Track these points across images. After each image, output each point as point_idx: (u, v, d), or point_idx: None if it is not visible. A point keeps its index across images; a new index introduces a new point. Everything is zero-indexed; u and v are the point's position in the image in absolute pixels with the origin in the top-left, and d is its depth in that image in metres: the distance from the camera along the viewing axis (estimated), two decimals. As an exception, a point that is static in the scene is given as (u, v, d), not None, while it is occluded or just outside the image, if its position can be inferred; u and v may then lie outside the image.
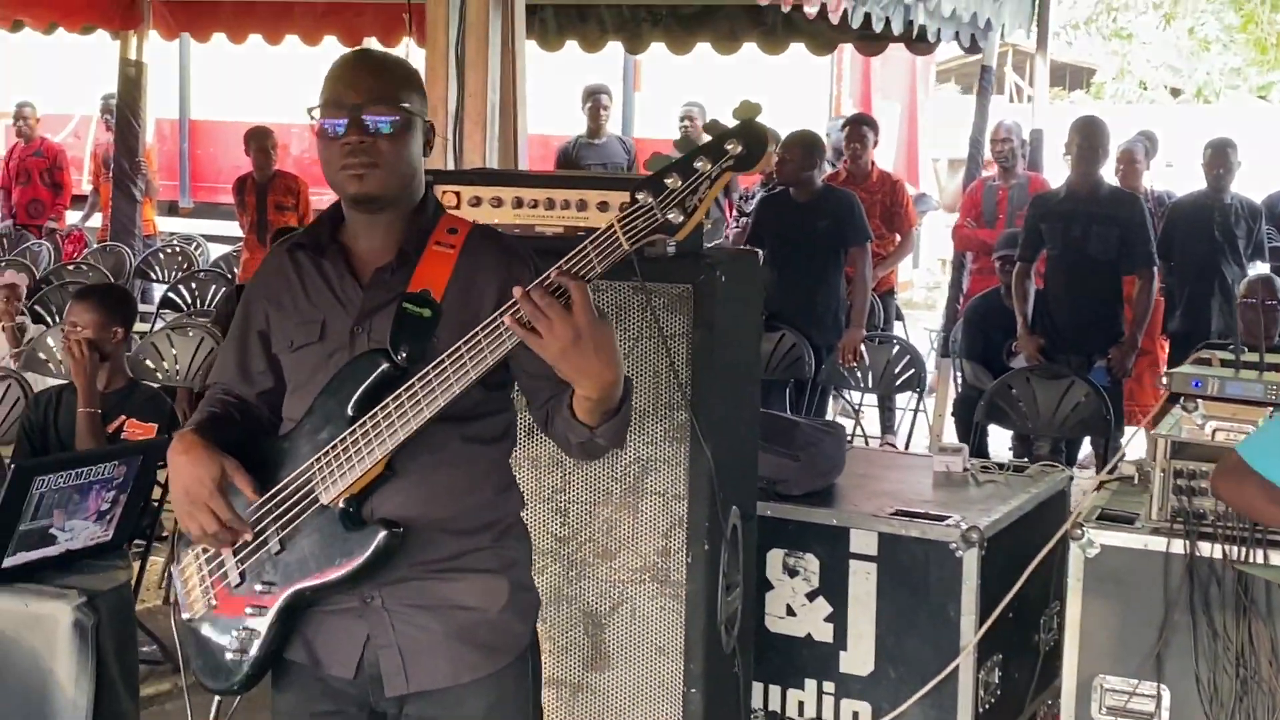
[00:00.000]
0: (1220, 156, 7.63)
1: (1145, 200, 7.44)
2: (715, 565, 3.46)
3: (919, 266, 13.88)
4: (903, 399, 8.03)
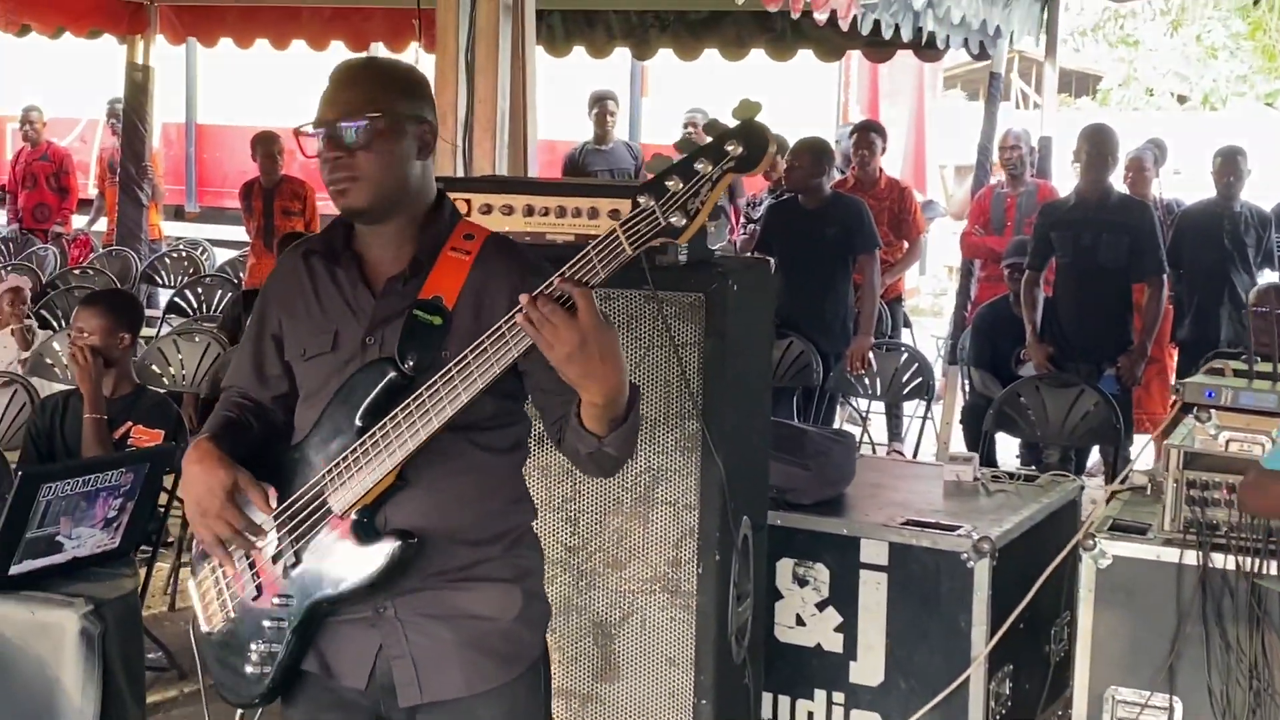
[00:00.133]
0: (1230, 164, 7.61)
1: (1154, 208, 7.41)
2: (726, 576, 3.45)
3: (925, 273, 13.86)
4: (909, 406, 8.01)
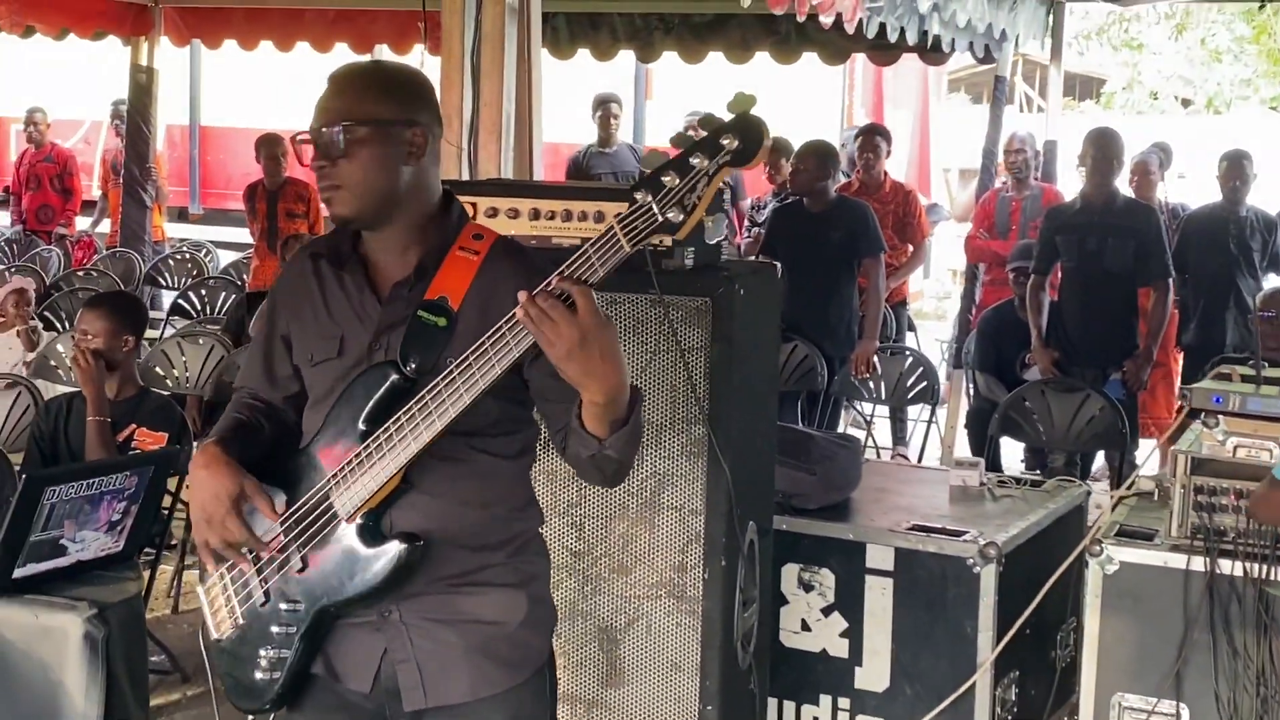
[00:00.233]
0: (1236, 168, 7.59)
1: (1160, 212, 7.40)
2: (732, 581, 3.43)
3: (930, 277, 13.85)
4: (914, 411, 7.99)
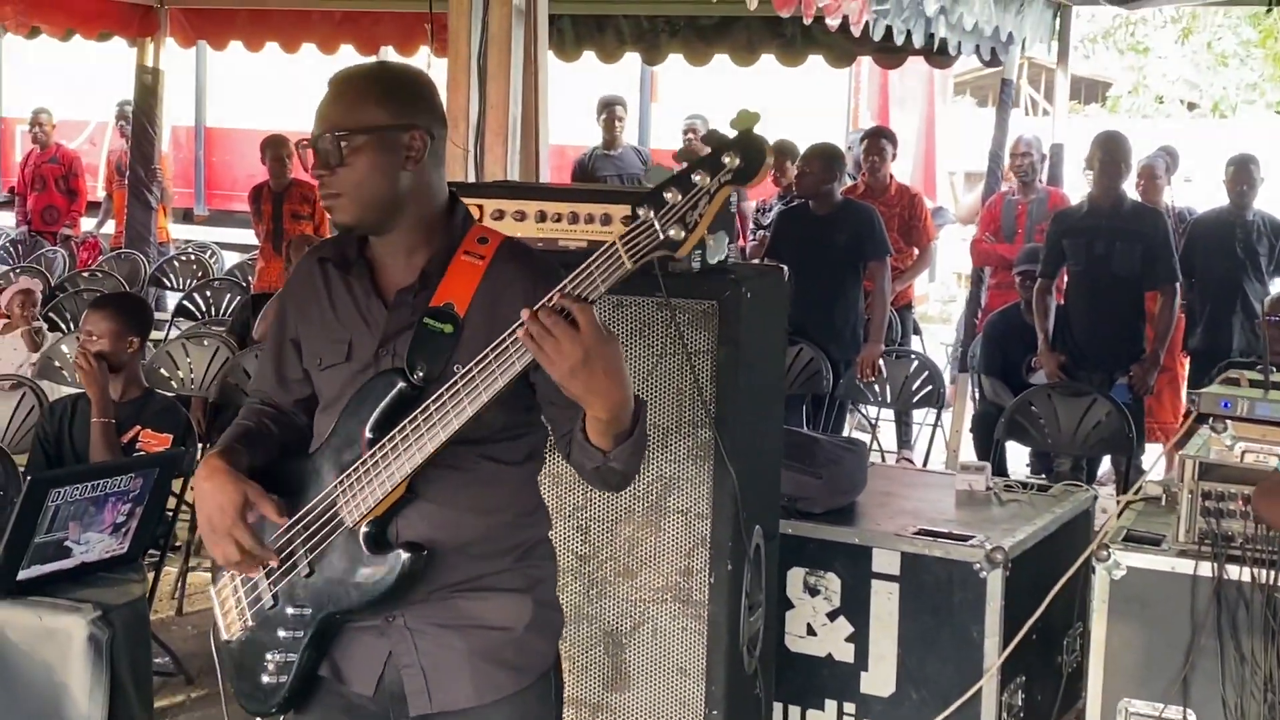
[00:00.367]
0: (1243, 173, 7.57)
1: (1167, 216, 7.39)
2: (738, 585, 3.42)
3: (935, 280, 13.83)
4: (919, 414, 7.98)
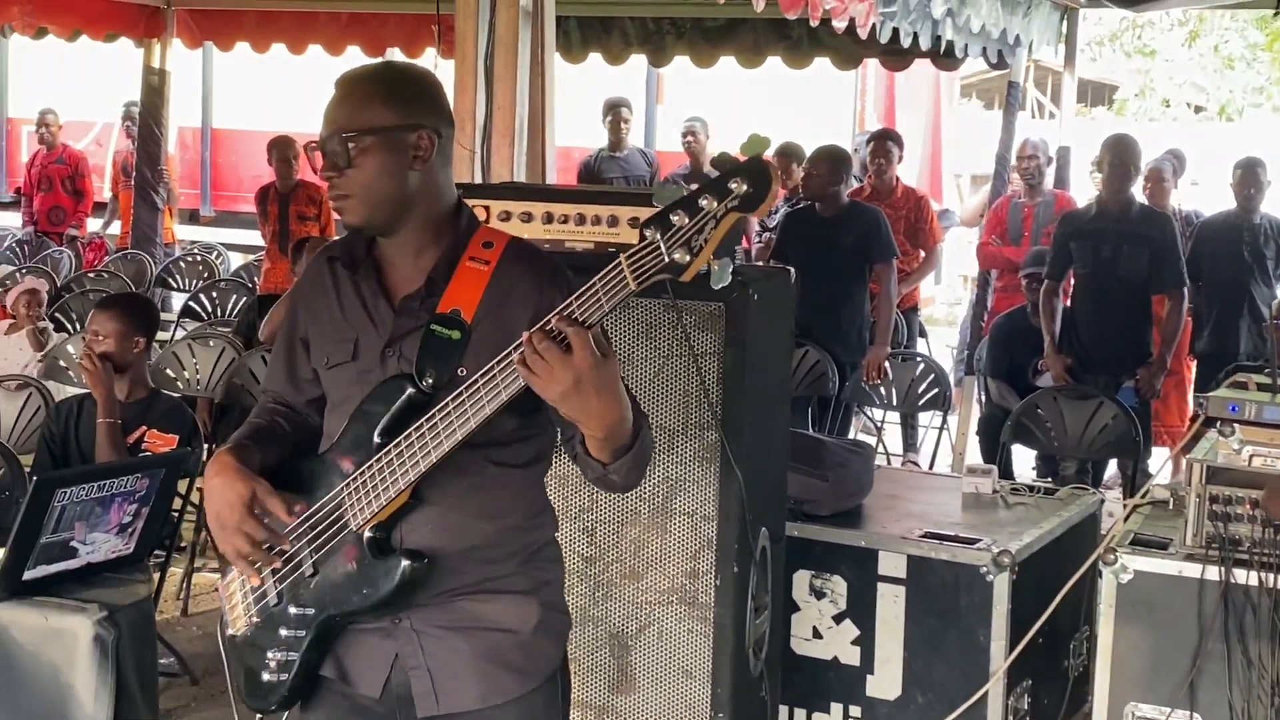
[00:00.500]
0: (1251, 176, 7.57)
1: (1174, 219, 7.37)
2: (744, 588, 3.42)
3: (941, 282, 13.81)
4: (924, 417, 7.97)
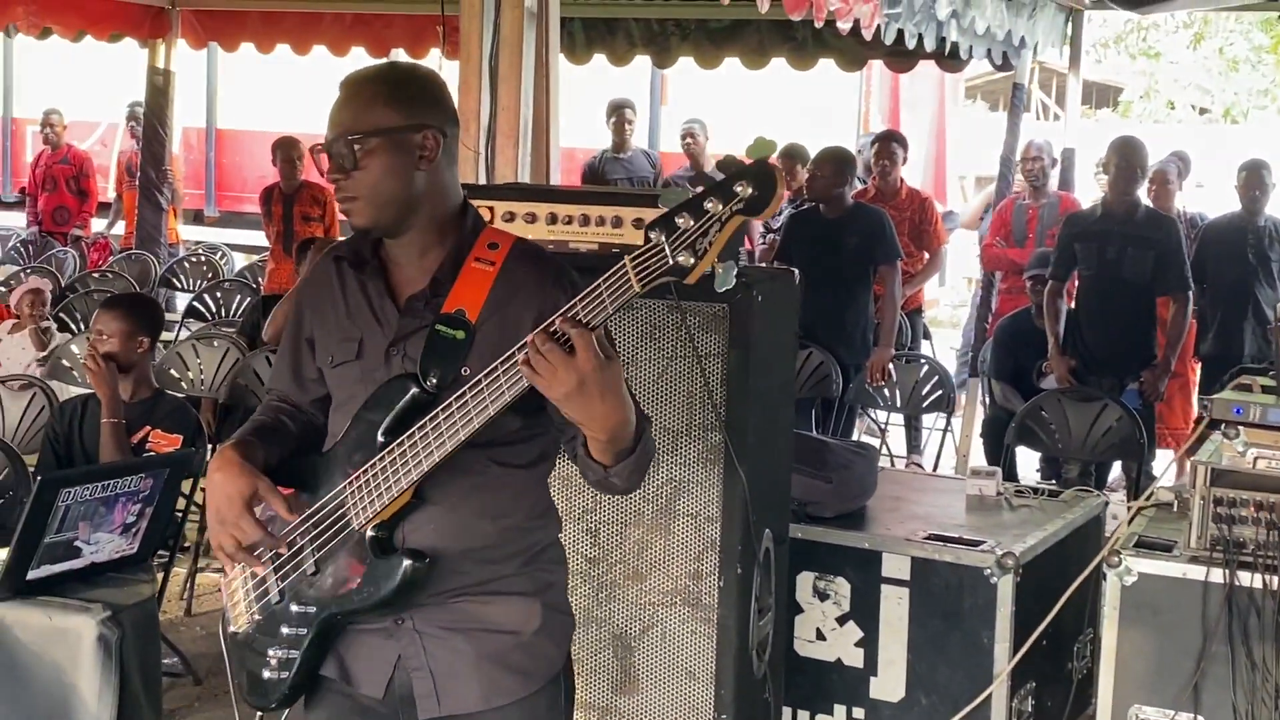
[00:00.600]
0: (1256, 178, 7.55)
1: (1179, 221, 7.37)
2: (748, 589, 3.42)
3: (945, 284, 13.79)
4: (929, 418, 7.96)
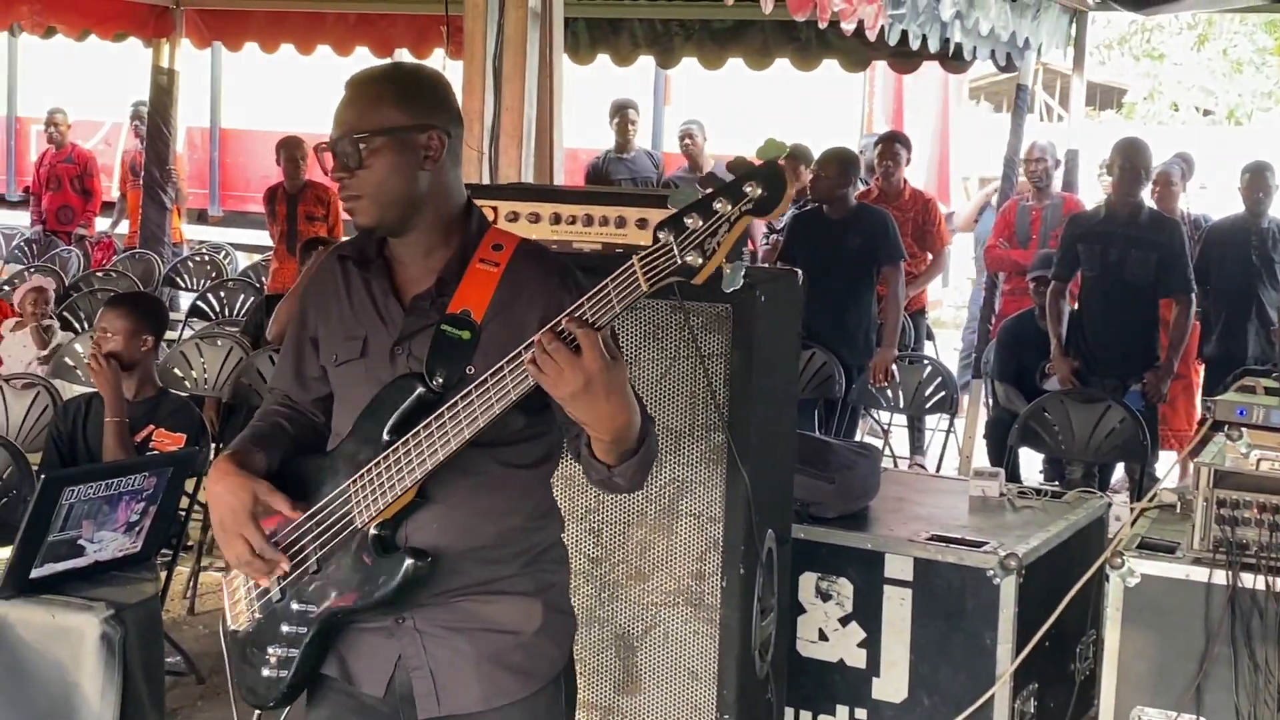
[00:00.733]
0: (1259, 180, 7.56)
1: (1182, 223, 7.37)
2: (750, 589, 3.42)
3: (949, 285, 13.77)
4: (931, 419, 7.95)
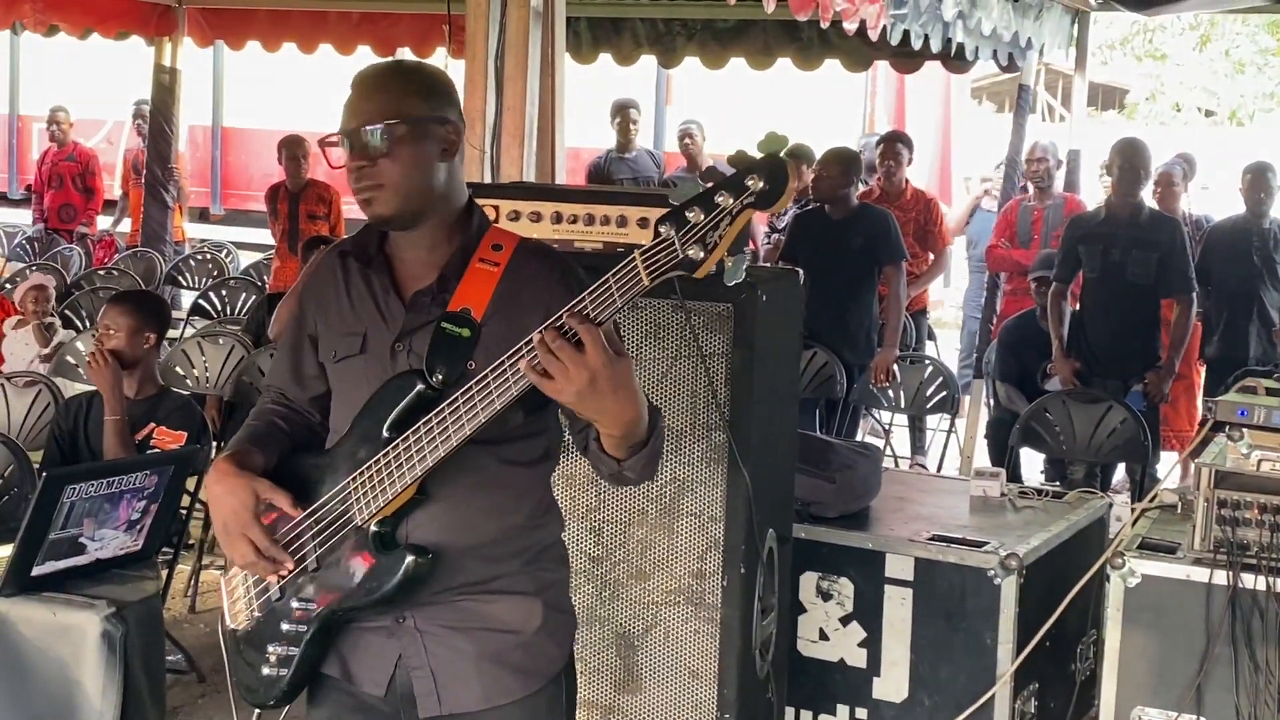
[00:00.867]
0: (1260, 180, 7.56)
1: (1183, 224, 7.37)
2: (751, 589, 3.42)
3: (950, 285, 13.77)
4: (933, 420, 7.96)
